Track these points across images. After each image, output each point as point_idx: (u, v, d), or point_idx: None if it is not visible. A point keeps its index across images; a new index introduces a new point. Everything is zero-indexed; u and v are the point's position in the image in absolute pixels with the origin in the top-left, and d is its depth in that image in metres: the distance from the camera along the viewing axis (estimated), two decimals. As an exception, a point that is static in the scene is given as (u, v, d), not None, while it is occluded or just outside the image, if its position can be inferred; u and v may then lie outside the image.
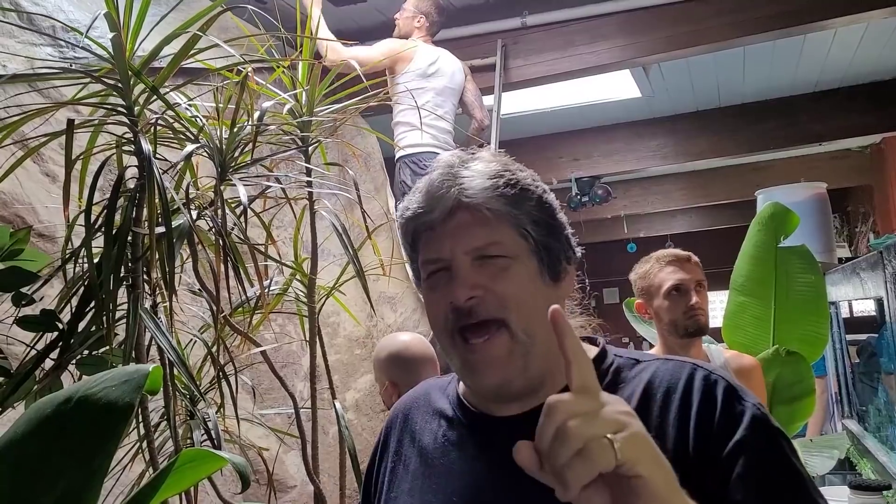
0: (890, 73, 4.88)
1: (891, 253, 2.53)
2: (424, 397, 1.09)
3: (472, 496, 0.92)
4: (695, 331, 2.24)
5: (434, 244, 0.93)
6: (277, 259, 1.58)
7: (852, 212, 7.76)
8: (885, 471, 3.09)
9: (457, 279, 0.90)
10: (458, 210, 0.91)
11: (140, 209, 1.31)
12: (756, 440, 0.84)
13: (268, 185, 1.58)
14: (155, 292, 1.39)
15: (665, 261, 2.28)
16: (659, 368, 0.93)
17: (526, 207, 0.93)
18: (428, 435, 1.02)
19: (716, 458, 0.83)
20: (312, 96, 1.56)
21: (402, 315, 3.52)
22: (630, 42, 3.47)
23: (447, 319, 0.91)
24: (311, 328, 1.63)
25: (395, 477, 1.03)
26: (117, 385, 0.74)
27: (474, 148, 0.99)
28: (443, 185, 0.92)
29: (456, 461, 0.96)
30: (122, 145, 1.36)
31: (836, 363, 4.53)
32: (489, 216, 0.91)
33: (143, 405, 1.32)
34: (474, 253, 0.91)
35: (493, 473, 0.92)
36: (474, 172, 0.92)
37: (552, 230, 0.95)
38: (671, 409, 0.88)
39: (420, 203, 0.94)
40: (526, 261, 0.93)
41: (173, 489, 0.84)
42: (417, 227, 0.95)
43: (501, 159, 0.96)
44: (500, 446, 0.92)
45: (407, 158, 3.38)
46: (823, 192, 5.03)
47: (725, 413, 0.85)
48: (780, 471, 0.84)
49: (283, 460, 2.73)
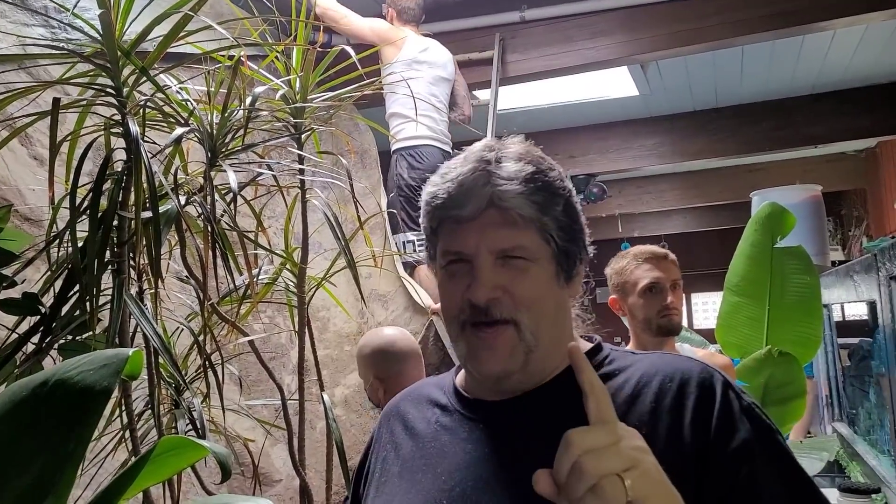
0: (886, 77, 4.89)
1: (885, 256, 2.52)
2: (419, 391, 1.11)
3: (462, 475, 0.92)
4: (668, 330, 2.23)
5: (459, 238, 0.94)
6: (267, 247, 1.55)
7: (846, 215, 7.78)
8: (875, 474, 3.09)
9: (479, 278, 0.92)
10: (490, 209, 0.92)
11: (127, 193, 1.28)
12: (759, 443, 0.84)
13: (259, 173, 1.56)
14: (141, 278, 1.36)
15: (642, 258, 2.26)
16: (655, 362, 0.95)
17: (553, 213, 0.94)
18: (421, 422, 1.04)
19: (716, 458, 0.83)
20: (306, 82, 1.54)
21: (394, 313, 3.50)
22: (630, 39, 3.45)
23: (462, 311, 0.93)
24: (300, 318, 1.61)
25: (387, 463, 1.03)
26: (95, 369, 0.72)
27: (504, 138, 0.99)
28: (477, 181, 0.92)
29: (447, 443, 0.97)
30: (109, 127, 1.33)
31: (828, 366, 4.53)
32: (518, 220, 0.92)
33: (126, 393, 1.29)
34: (499, 253, 0.92)
35: (483, 453, 0.93)
36: (510, 174, 0.92)
37: (574, 235, 0.97)
38: (665, 401, 0.88)
39: (451, 195, 0.94)
40: (545, 264, 0.94)
41: (152, 478, 0.82)
42: (444, 217, 0.95)
43: (534, 156, 0.96)
44: (491, 427, 0.95)
45: (404, 151, 3.34)
46: (818, 194, 5.04)
47: (724, 411, 0.86)
48: (787, 474, 0.85)
49: (269, 454, 2.70)
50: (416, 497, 0.94)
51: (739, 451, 0.83)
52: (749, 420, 0.86)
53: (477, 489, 0.90)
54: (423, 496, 0.93)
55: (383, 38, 3.29)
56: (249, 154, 1.57)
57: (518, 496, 0.86)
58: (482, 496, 0.89)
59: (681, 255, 2.35)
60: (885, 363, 2.69)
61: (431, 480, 0.94)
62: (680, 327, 2.29)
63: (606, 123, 5.56)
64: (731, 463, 0.83)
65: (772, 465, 0.84)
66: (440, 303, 1.00)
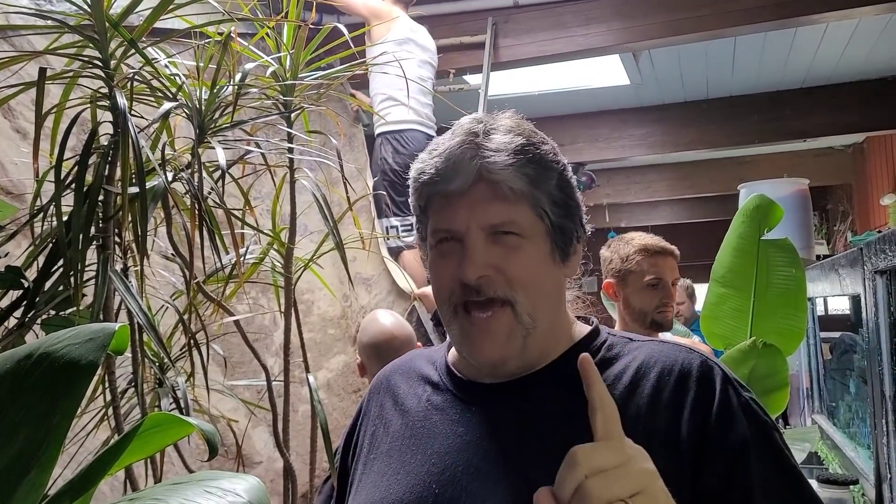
0: (876, 73, 4.91)
1: (871, 250, 2.54)
2: (409, 364, 1.09)
3: (453, 459, 0.90)
4: (660, 326, 2.26)
5: (448, 214, 0.91)
6: (255, 226, 1.54)
7: (832, 210, 7.84)
8: (853, 466, 3.12)
9: (469, 256, 0.88)
10: (479, 183, 0.88)
11: (113, 167, 1.26)
12: (755, 439, 0.84)
13: (248, 150, 1.54)
14: (126, 255, 1.34)
15: (650, 252, 2.26)
16: (654, 349, 0.92)
17: (546, 187, 0.90)
18: (412, 399, 1.01)
19: (712, 453, 0.82)
20: (297, 60, 1.51)
21: (377, 297, 3.49)
22: (623, 26, 3.44)
23: (452, 293, 0.90)
24: (286, 299, 1.59)
25: (376, 440, 1.01)
26: (81, 343, 0.71)
27: (495, 112, 0.96)
28: (464, 154, 0.89)
29: (438, 424, 0.95)
30: (96, 100, 1.30)
31: (809, 359, 4.56)
32: (509, 193, 0.88)
33: (110, 370, 1.28)
34: (490, 229, 0.89)
35: (475, 437, 0.91)
36: (498, 146, 0.89)
37: (569, 211, 0.94)
38: (665, 390, 0.87)
39: (438, 170, 0.90)
40: (539, 242, 0.91)
41: (138, 454, 0.81)
42: (432, 193, 0.92)
43: (524, 129, 0.93)
44: (484, 411, 0.93)
45: (389, 135, 3.30)
46: (805, 188, 5.06)
47: (722, 407, 0.85)
48: (781, 471, 0.84)
49: (251, 435, 2.70)
50: (406, 479, 0.92)
51: (736, 447, 0.82)
52: (746, 415, 0.85)
53: (468, 474, 0.88)
54: (413, 478, 0.91)
55: (376, 15, 3.25)
56: (237, 132, 1.54)
57: (508, 485, 0.85)
58: (472, 482, 0.87)
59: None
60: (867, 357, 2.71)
61: (421, 462, 0.92)
62: (671, 324, 2.31)
63: (596, 112, 5.55)
64: (727, 458, 0.82)
65: (767, 461, 0.84)
66: (432, 286, 0.96)
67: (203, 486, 0.65)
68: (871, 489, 2.61)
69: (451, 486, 0.87)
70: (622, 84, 4.94)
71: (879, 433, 2.44)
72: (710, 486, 0.81)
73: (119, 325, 0.74)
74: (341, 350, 3.37)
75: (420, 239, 1.00)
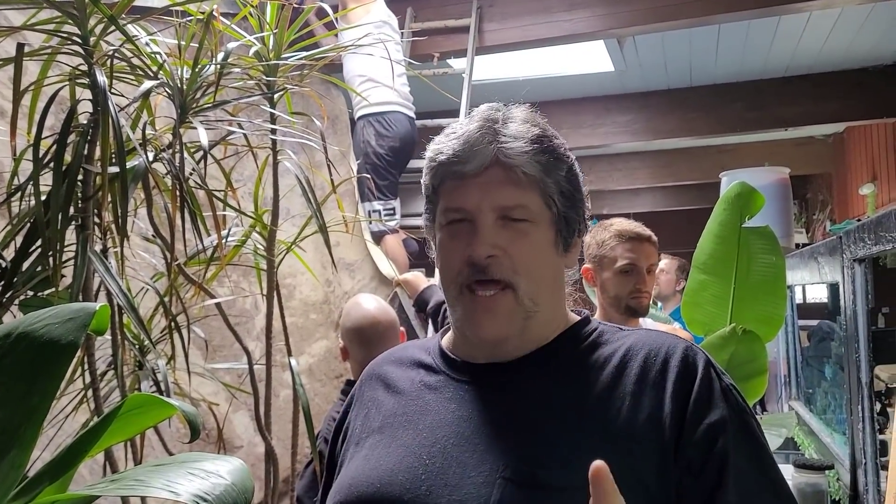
0: (858, 63, 4.94)
1: (850, 238, 2.56)
2: (402, 352, 1.11)
3: (444, 431, 0.92)
4: (635, 312, 2.25)
5: (461, 195, 0.94)
6: (237, 208, 1.52)
7: (811, 199, 7.91)
8: (828, 451, 3.17)
9: (479, 235, 0.91)
10: (494, 166, 0.92)
11: (93, 146, 1.24)
12: (733, 423, 0.87)
13: (230, 131, 1.52)
14: (106, 235, 1.33)
15: (625, 237, 2.26)
16: (642, 336, 0.96)
17: (556, 176, 0.94)
18: (405, 382, 1.03)
19: (691, 431, 0.85)
20: (281, 40, 1.50)
21: (360, 282, 3.48)
22: (609, 12, 3.42)
23: (460, 273, 0.93)
24: (269, 282, 1.58)
25: (368, 421, 1.03)
26: (61, 322, 0.70)
27: (512, 104, 1.00)
28: (483, 138, 0.92)
29: (431, 402, 0.97)
30: (75, 78, 1.28)
31: (788, 346, 4.62)
32: (522, 178, 0.92)
33: (89, 352, 1.26)
34: (500, 211, 0.92)
35: (467, 412, 0.93)
36: (515, 133, 0.93)
37: (575, 203, 0.98)
38: (652, 371, 0.90)
39: (456, 151, 0.93)
40: (546, 229, 0.95)
41: (119, 435, 0.80)
42: (447, 173, 0.95)
43: (539, 122, 0.98)
44: (476, 388, 0.96)
45: (371, 117, 3.26)
46: (786, 177, 5.09)
47: (703, 387, 0.88)
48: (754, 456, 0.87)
49: (231, 420, 2.69)
50: (397, 451, 0.93)
51: (714, 427, 0.85)
52: (726, 400, 0.88)
53: (458, 446, 0.90)
54: (404, 450, 0.93)
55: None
56: (220, 113, 1.52)
57: (498, 455, 0.87)
58: (463, 453, 0.89)
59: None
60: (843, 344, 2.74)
61: (413, 436, 0.94)
62: (647, 310, 2.32)
63: (580, 98, 5.55)
64: (705, 438, 0.85)
65: (742, 445, 0.87)
66: (439, 266, 0.99)
67: (186, 467, 0.64)
68: (846, 474, 2.65)
69: (442, 456, 0.89)
70: (606, 70, 4.94)
71: (855, 419, 2.47)
72: (687, 463, 0.84)
73: (100, 304, 0.72)
74: (323, 335, 3.36)
75: (427, 221, 1.02)
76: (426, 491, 0.87)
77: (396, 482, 0.90)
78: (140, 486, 0.63)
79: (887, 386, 3.17)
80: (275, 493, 1.59)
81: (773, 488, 0.87)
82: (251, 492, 0.65)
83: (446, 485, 0.87)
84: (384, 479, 0.91)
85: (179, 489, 0.60)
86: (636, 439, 0.85)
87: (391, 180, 3.27)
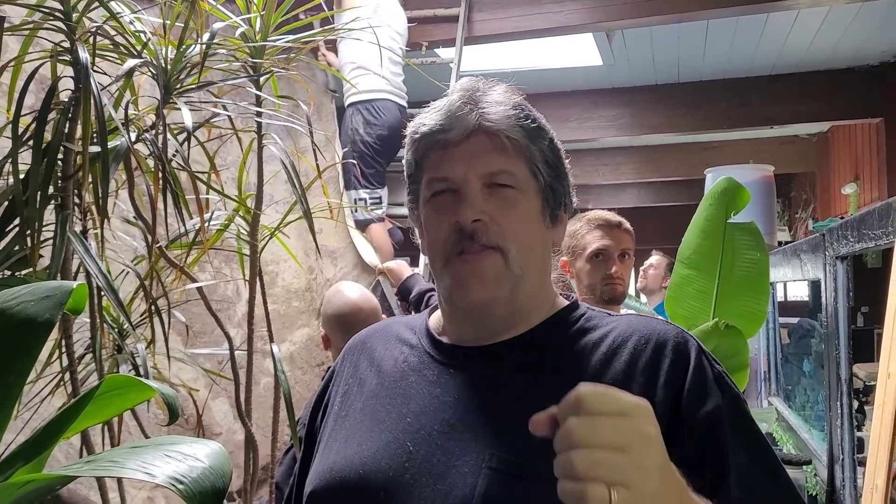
0: (844, 62, 4.97)
1: (833, 236, 2.58)
2: (387, 328, 1.09)
3: (429, 418, 0.91)
4: (609, 299, 2.23)
5: (445, 164, 0.93)
6: (220, 191, 1.50)
7: (794, 197, 7.96)
8: (806, 447, 3.20)
9: (465, 201, 0.90)
10: (477, 133, 0.91)
11: (73, 125, 1.21)
12: (728, 410, 0.86)
13: (215, 113, 1.50)
14: (86, 216, 1.30)
15: (594, 224, 2.26)
16: (632, 321, 0.95)
17: (540, 145, 0.94)
18: (388, 360, 1.01)
19: (687, 421, 0.85)
20: (268, 21, 1.47)
21: (343, 270, 3.47)
22: (598, 5, 3.42)
23: (447, 241, 0.91)
24: (252, 267, 1.56)
25: (349, 398, 1.01)
26: (37, 300, 0.68)
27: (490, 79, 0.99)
28: (464, 107, 0.92)
29: (414, 384, 0.95)
30: (57, 54, 1.25)
31: (768, 343, 4.65)
32: (507, 144, 0.91)
33: (67, 334, 1.24)
34: (487, 178, 0.91)
35: (452, 398, 0.92)
36: (496, 100, 0.93)
37: (559, 174, 0.97)
38: (642, 357, 0.89)
39: (438, 121, 0.93)
40: (532, 198, 0.94)
41: (96, 417, 0.78)
42: (430, 144, 0.94)
43: (518, 94, 0.97)
44: (460, 372, 0.94)
45: (360, 105, 3.25)
46: (770, 175, 5.13)
47: (697, 376, 0.87)
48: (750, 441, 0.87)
49: (210, 407, 2.67)
50: (380, 436, 0.92)
51: (711, 416, 0.85)
52: (720, 387, 0.88)
53: (443, 433, 0.88)
54: (388, 435, 0.91)
55: None
56: (204, 95, 1.50)
57: (483, 444, 0.85)
58: (447, 441, 0.87)
59: (633, 229, 2.36)
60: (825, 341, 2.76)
61: (396, 420, 0.92)
62: (623, 297, 2.30)
63: (569, 92, 5.54)
64: (702, 427, 0.84)
65: (738, 432, 0.86)
66: (427, 241, 0.97)
67: (163, 450, 0.63)
68: (823, 469, 2.68)
69: (426, 444, 0.88)
70: (595, 64, 4.94)
71: (834, 415, 2.49)
72: (686, 455, 0.81)
73: (77, 283, 0.71)
74: (305, 323, 3.34)
75: (411, 203, 1.01)
76: (410, 479, 0.86)
77: (380, 469, 0.89)
78: (115, 468, 0.61)
79: (865, 384, 3.20)
80: (254, 481, 1.58)
81: (772, 474, 0.87)
82: (229, 476, 0.64)
83: (431, 473, 0.86)
84: (367, 465, 0.90)
85: (155, 471, 0.59)
86: None
87: (378, 169, 3.25)
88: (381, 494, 0.87)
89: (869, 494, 1.61)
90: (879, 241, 1.95)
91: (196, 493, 0.58)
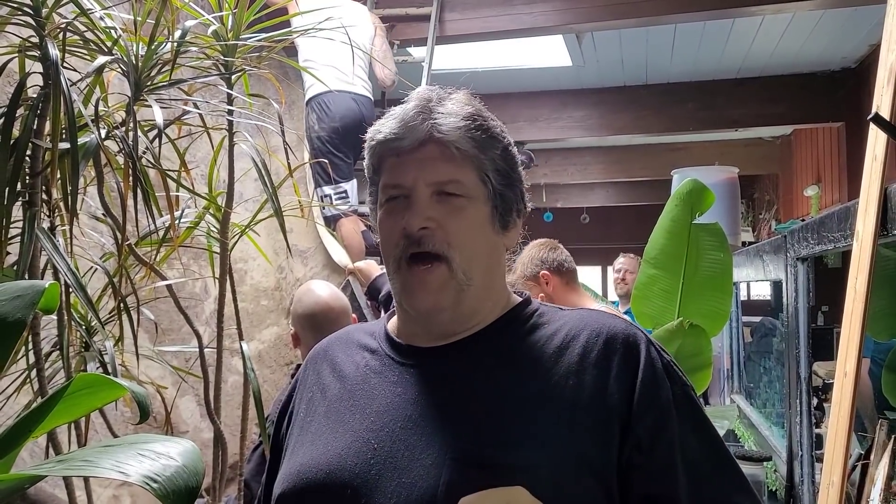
0: (807, 67, 5.06)
1: (794, 238, 2.63)
2: (347, 336, 1.12)
3: (391, 416, 0.93)
4: None
5: (398, 171, 0.96)
6: (191, 189, 1.49)
7: (758, 199, 8.10)
8: (767, 444, 3.27)
9: (413, 208, 0.94)
10: (429, 143, 0.95)
11: (42, 121, 1.20)
12: (677, 399, 0.91)
13: (186, 111, 1.49)
14: (54, 213, 1.29)
15: None
16: (584, 315, 0.99)
17: (491, 154, 0.97)
18: (350, 366, 1.04)
19: (640, 413, 0.89)
20: (240, 20, 1.47)
21: (313, 269, 3.46)
22: (568, 7, 3.45)
23: (398, 245, 0.95)
24: (222, 265, 1.56)
25: (313, 405, 1.03)
26: (8, 300, 0.68)
27: (451, 88, 1.02)
28: (417, 116, 0.95)
29: (376, 386, 0.98)
30: (25, 50, 1.24)
31: (731, 341, 4.73)
32: (456, 154, 0.94)
33: (34, 331, 1.23)
34: (435, 187, 0.94)
35: (413, 395, 0.95)
36: (449, 110, 0.96)
37: (511, 181, 1.00)
38: (594, 351, 0.93)
39: (392, 129, 0.96)
40: (481, 205, 0.97)
41: (65, 416, 0.78)
42: (385, 151, 0.98)
43: (476, 104, 0.99)
44: (422, 372, 0.97)
45: (313, 101, 3.23)
46: (735, 176, 5.22)
47: (648, 368, 0.91)
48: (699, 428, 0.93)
49: (177, 405, 2.66)
50: (344, 436, 0.94)
51: (662, 405, 0.89)
52: (669, 377, 0.92)
53: (406, 429, 0.91)
54: (352, 436, 0.93)
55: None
56: (175, 92, 1.49)
57: (445, 436, 0.88)
58: (411, 436, 0.90)
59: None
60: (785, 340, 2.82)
61: (360, 420, 0.95)
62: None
63: (538, 92, 5.58)
64: (654, 418, 0.88)
65: (688, 420, 0.91)
66: (380, 243, 1.00)
67: (136, 448, 0.63)
68: (783, 466, 2.74)
69: (390, 440, 0.91)
70: (564, 65, 4.97)
71: (794, 413, 2.55)
72: (637, 443, 0.87)
73: (49, 282, 0.71)
74: (274, 322, 3.33)
75: (372, 204, 1.04)
76: (376, 475, 0.88)
77: (346, 467, 0.90)
78: (89, 467, 0.61)
79: (824, 382, 3.28)
80: (222, 479, 1.57)
81: (717, 456, 0.92)
82: (202, 474, 0.64)
83: (396, 468, 0.88)
84: (333, 464, 0.92)
85: (129, 470, 0.59)
86: (579, 418, 0.87)
87: (338, 163, 3.23)
88: (347, 492, 0.89)
89: (825, 490, 1.66)
90: (838, 243, 2.00)
91: (170, 492, 0.59)
